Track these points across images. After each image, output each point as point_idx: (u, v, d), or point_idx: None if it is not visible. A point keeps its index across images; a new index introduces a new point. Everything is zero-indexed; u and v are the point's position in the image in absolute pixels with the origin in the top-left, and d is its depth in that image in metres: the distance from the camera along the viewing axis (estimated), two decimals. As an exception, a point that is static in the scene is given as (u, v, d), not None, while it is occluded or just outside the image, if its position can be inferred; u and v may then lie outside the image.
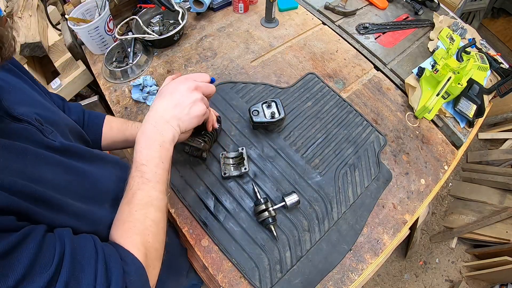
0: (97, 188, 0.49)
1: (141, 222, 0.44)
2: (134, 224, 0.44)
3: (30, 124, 0.42)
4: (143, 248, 0.42)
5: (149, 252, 0.43)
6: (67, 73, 1.04)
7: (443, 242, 1.77)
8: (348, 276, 0.66)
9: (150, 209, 0.46)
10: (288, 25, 1.10)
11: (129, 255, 0.40)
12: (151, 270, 0.42)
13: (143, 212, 0.45)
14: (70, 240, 0.36)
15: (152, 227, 0.45)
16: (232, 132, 0.82)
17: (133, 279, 0.38)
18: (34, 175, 0.37)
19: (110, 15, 0.96)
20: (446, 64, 0.89)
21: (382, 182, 0.78)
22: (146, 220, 0.45)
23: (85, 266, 0.35)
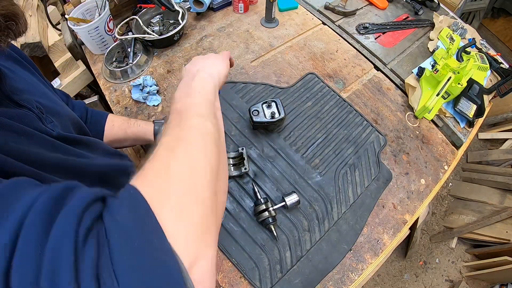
0: (92, 165, 0.48)
1: (163, 145, 0.32)
2: (156, 151, 0.32)
3: (30, 110, 0.43)
4: (153, 173, 0.29)
5: (168, 180, 0.28)
6: (67, 73, 1.04)
7: (443, 242, 1.77)
8: (348, 276, 0.66)
9: (176, 130, 0.35)
10: (288, 25, 1.10)
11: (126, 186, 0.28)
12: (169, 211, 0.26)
13: (168, 132, 0.34)
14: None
15: (178, 146, 0.32)
16: (232, 132, 0.82)
17: (120, 213, 0.25)
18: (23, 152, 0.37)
19: (110, 15, 0.96)
20: (446, 64, 0.89)
21: (382, 182, 0.78)
22: (170, 141, 0.33)
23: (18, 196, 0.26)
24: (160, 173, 0.29)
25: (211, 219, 0.29)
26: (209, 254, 0.27)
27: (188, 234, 0.26)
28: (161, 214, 0.25)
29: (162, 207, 0.26)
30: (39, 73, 0.56)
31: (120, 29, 1.02)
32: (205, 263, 0.26)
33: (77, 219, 0.24)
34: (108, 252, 0.23)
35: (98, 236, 0.23)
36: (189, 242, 0.26)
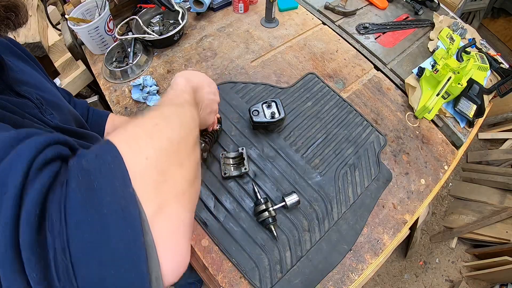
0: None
1: (152, 112, 0.32)
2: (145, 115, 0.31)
3: (30, 101, 0.43)
4: (137, 127, 0.28)
5: (150, 134, 0.28)
6: (67, 73, 1.04)
7: (443, 242, 1.76)
8: (348, 276, 0.66)
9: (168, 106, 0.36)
10: (288, 25, 1.10)
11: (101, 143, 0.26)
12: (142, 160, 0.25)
13: (157, 107, 0.35)
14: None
15: (169, 115, 0.32)
16: (232, 132, 0.82)
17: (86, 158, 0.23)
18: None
19: (110, 15, 0.95)
20: (446, 64, 0.89)
21: (382, 182, 0.78)
22: (158, 109, 0.33)
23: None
24: (145, 128, 0.28)
25: (188, 186, 0.29)
26: (179, 210, 0.26)
27: (157, 187, 0.25)
28: (132, 162, 0.24)
29: (136, 155, 0.25)
30: (42, 70, 0.56)
31: (120, 29, 1.02)
32: (172, 217, 0.25)
33: (38, 147, 0.23)
34: (64, 188, 0.21)
35: (57, 172, 0.23)
36: (157, 194, 0.24)
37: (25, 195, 0.20)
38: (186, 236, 0.27)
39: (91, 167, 0.23)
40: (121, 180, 0.23)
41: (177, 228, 0.26)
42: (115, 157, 0.24)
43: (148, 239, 0.22)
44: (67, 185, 0.21)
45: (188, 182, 0.29)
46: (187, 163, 0.30)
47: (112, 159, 0.23)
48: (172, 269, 0.25)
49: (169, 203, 0.25)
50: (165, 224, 0.24)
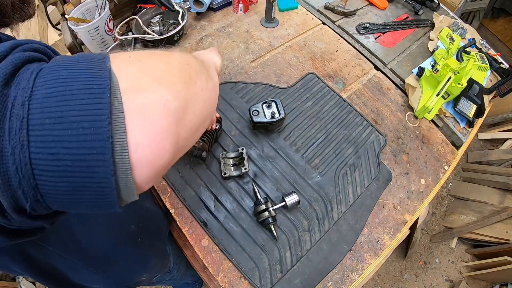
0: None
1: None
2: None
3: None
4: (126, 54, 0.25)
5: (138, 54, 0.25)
6: (67, 73, 1.04)
7: (443, 242, 1.77)
8: (348, 276, 0.66)
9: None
10: (288, 25, 1.10)
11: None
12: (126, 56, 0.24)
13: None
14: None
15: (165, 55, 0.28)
16: (232, 132, 0.82)
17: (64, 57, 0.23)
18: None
19: (110, 15, 0.95)
20: (446, 64, 0.89)
21: (382, 182, 0.78)
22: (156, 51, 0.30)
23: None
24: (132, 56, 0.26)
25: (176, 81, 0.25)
26: (164, 95, 0.23)
27: (140, 70, 0.23)
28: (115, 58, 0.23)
29: (120, 54, 0.24)
30: None
31: (120, 29, 1.02)
32: (154, 97, 0.22)
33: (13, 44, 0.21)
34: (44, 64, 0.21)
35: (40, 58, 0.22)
36: (139, 74, 0.23)
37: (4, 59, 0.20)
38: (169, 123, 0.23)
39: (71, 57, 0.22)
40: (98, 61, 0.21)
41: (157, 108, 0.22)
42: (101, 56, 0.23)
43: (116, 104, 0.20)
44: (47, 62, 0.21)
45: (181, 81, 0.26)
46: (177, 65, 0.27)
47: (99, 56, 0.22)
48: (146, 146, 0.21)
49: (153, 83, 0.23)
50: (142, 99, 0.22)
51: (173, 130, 0.23)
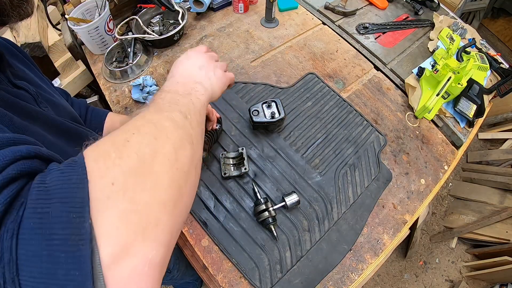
0: (79, 134, 0.49)
1: (129, 123, 0.29)
2: (120, 127, 0.29)
3: (27, 92, 0.44)
4: (108, 144, 0.26)
5: (120, 152, 0.24)
6: (67, 73, 1.04)
7: (443, 242, 1.76)
8: (348, 276, 0.66)
9: (153, 114, 0.31)
10: (288, 25, 1.10)
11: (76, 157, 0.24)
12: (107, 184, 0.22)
13: (141, 115, 0.31)
14: None
15: (146, 127, 0.29)
16: (232, 132, 0.82)
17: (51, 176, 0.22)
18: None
19: (110, 15, 0.95)
20: (446, 64, 0.89)
21: (382, 182, 0.78)
22: (139, 120, 0.30)
23: None
24: (116, 145, 0.25)
25: (162, 214, 0.24)
26: (148, 253, 0.22)
27: (122, 218, 0.21)
28: (97, 186, 0.22)
29: (101, 178, 0.22)
30: (40, 72, 0.57)
31: (120, 29, 1.02)
32: (138, 261, 0.21)
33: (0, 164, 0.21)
34: (21, 213, 0.20)
35: (17, 193, 0.21)
36: (120, 228, 0.21)
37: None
38: (153, 279, 0.22)
39: (52, 185, 0.21)
40: (78, 210, 0.20)
41: (141, 273, 0.22)
42: (80, 180, 0.21)
43: (99, 285, 0.20)
44: (25, 208, 0.20)
45: (166, 207, 0.25)
46: (165, 183, 0.26)
47: (76, 181, 0.21)
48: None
49: (136, 240, 0.22)
50: (124, 270, 0.21)
51: (159, 278, 0.23)
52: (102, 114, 0.72)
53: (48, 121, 0.43)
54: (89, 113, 0.70)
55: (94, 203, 0.21)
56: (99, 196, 0.21)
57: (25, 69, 0.52)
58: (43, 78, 0.57)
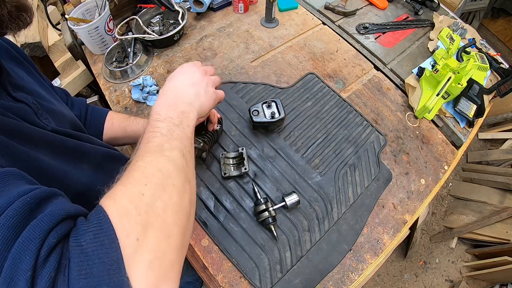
0: (81, 151, 0.49)
1: (139, 170, 0.33)
2: (129, 173, 0.33)
3: (27, 105, 0.44)
4: (126, 200, 0.29)
5: (138, 209, 0.28)
6: (67, 73, 1.04)
7: (443, 242, 1.76)
8: (348, 276, 0.66)
9: (157, 158, 0.35)
10: (288, 25, 1.10)
11: (96, 209, 0.28)
12: (134, 241, 0.26)
13: (147, 160, 0.34)
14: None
15: (155, 176, 0.32)
16: (232, 132, 0.82)
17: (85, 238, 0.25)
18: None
19: (110, 15, 0.95)
20: (446, 64, 0.89)
21: (382, 182, 0.78)
22: (147, 167, 0.33)
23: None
24: (133, 201, 0.29)
25: (175, 256, 0.30)
26: (168, 285, 0.28)
27: (149, 268, 0.26)
28: (125, 244, 0.26)
29: (128, 237, 0.26)
30: (38, 73, 0.57)
31: (120, 29, 1.02)
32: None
33: (43, 235, 0.25)
34: (67, 274, 0.23)
35: (60, 257, 0.24)
36: (149, 276, 0.26)
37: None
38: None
39: (89, 249, 0.25)
40: (116, 266, 0.25)
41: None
42: (111, 241, 0.25)
43: None
44: (69, 270, 0.24)
45: (177, 250, 0.31)
46: (175, 231, 0.31)
47: (109, 243, 0.25)
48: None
49: (160, 282, 0.27)
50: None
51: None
52: (102, 114, 0.72)
53: (49, 142, 0.43)
54: (89, 112, 0.70)
55: (125, 259, 0.25)
56: (128, 252, 0.26)
57: (23, 73, 0.52)
58: (42, 81, 0.57)
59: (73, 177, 0.45)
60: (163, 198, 0.31)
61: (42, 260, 0.24)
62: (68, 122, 0.54)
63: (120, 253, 0.25)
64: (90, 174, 0.50)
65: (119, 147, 1.07)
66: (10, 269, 0.23)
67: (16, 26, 0.37)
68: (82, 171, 0.48)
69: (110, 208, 0.28)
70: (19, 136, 0.37)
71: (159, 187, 0.32)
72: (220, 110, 0.85)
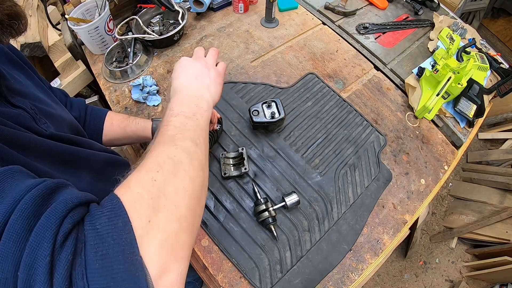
0: (81, 158, 0.49)
1: (152, 158, 0.34)
2: (143, 162, 0.34)
3: (25, 111, 0.44)
4: (139, 185, 0.31)
5: (150, 194, 0.30)
6: (67, 73, 1.04)
7: (443, 242, 1.76)
8: (348, 276, 0.66)
9: (170, 148, 0.36)
10: (288, 25, 1.10)
11: (110, 195, 0.29)
12: (146, 223, 0.28)
13: (160, 149, 0.36)
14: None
15: (167, 164, 0.34)
16: (232, 132, 0.82)
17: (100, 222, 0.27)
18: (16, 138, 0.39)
19: (110, 15, 0.95)
20: (446, 64, 0.89)
21: (382, 182, 0.78)
22: (159, 156, 0.35)
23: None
24: (145, 186, 0.30)
25: (185, 237, 0.31)
26: (179, 268, 0.29)
27: (160, 248, 0.28)
28: (138, 226, 0.27)
29: (140, 219, 0.28)
30: (36, 74, 0.57)
31: (120, 29, 1.02)
32: (173, 275, 0.28)
33: (58, 221, 0.26)
34: (83, 257, 0.25)
35: (76, 241, 0.26)
36: (161, 255, 0.28)
37: (54, 272, 0.24)
38: (182, 285, 0.29)
39: (104, 232, 0.26)
40: (129, 247, 0.26)
41: (180, 282, 0.29)
42: (125, 224, 0.27)
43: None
44: (85, 253, 0.25)
45: (188, 232, 0.31)
46: (186, 212, 0.32)
47: (123, 225, 0.27)
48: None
49: (171, 261, 0.28)
50: (167, 282, 0.27)
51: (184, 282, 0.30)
52: (102, 114, 0.72)
53: (47, 150, 0.43)
54: (88, 113, 0.70)
55: (139, 240, 0.26)
56: (141, 233, 0.27)
57: (23, 76, 0.52)
58: (41, 84, 0.56)
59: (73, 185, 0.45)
60: (174, 183, 0.32)
61: (59, 245, 0.25)
62: (67, 126, 0.54)
63: (133, 235, 0.26)
64: (90, 182, 0.50)
65: (119, 147, 1.07)
66: (30, 257, 0.24)
67: (8, 35, 0.36)
68: (82, 179, 0.49)
69: (124, 194, 0.29)
70: (16, 144, 0.38)
71: (170, 173, 0.33)
72: (220, 110, 0.85)
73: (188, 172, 0.35)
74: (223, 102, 0.87)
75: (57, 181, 0.30)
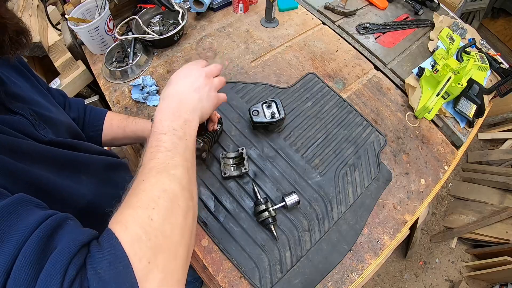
0: (80, 163, 0.49)
1: (146, 192, 0.34)
2: (137, 195, 0.34)
3: (24, 117, 0.44)
4: (137, 226, 0.30)
5: (148, 234, 0.30)
6: (67, 73, 1.04)
7: (443, 242, 1.76)
8: (348, 276, 0.66)
9: (162, 178, 0.36)
10: (288, 25, 1.10)
11: (107, 233, 0.30)
12: (146, 265, 0.28)
13: (153, 181, 0.35)
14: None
15: (162, 199, 0.33)
16: (232, 132, 0.82)
17: (101, 266, 0.27)
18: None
19: (110, 15, 0.96)
20: (446, 64, 0.89)
21: (382, 182, 0.78)
22: (153, 190, 0.34)
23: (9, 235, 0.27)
24: (143, 226, 0.31)
25: (182, 272, 0.32)
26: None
27: (159, 285, 0.29)
28: (138, 268, 0.28)
29: (140, 261, 0.28)
30: (34, 76, 0.56)
31: (120, 29, 1.02)
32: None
33: (63, 270, 0.26)
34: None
35: (81, 286, 0.26)
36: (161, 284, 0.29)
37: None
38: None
39: (107, 277, 0.27)
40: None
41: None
42: (126, 267, 0.27)
43: None
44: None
45: (183, 267, 0.33)
46: (181, 250, 0.33)
47: (124, 269, 0.27)
48: None
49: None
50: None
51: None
52: (101, 114, 0.72)
53: (46, 156, 0.43)
54: (87, 113, 0.70)
55: (139, 281, 0.27)
56: (141, 276, 0.28)
57: (22, 80, 0.52)
58: (39, 86, 0.56)
59: (74, 190, 0.45)
60: (170, 220, 0.33)
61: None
62: (66, 130, 0.54)
63: (135, 277, 0.27)
64: (91, 186, 0.50)
65: (118, 147, 1.07)
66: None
67: (15, 49, 0.38)
68: (82, 183, 0.49)
69: (122, 234, 0.29)
70: (15, 152, 0.38)
71: (166, 210, 0.33)
72: (220, 110, 0.85)
73: (182, 207, 0.35)
74: (223, 102, 0.87)
75: (59, 218, 0.30)
